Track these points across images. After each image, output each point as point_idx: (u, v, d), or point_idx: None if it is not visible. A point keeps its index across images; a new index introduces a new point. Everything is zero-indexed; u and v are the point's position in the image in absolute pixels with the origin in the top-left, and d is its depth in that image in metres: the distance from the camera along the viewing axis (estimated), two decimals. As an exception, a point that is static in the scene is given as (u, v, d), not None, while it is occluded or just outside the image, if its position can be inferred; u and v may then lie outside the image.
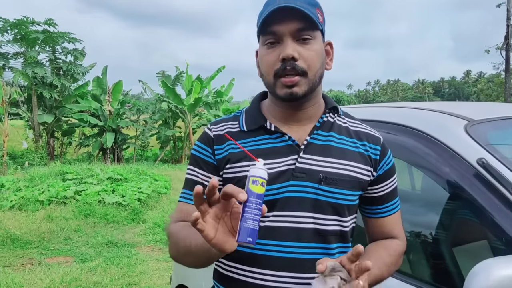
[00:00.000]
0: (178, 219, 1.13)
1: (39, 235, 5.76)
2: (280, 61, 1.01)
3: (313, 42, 1.03)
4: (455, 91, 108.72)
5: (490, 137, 1.36)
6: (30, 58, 14.05)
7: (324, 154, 1.08)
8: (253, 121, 1.12)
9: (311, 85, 1.04)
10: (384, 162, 1.15)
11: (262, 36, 1.05)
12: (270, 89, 1.08)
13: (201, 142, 1.15)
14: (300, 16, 1.00)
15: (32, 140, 14.96)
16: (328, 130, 1.12)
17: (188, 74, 16.86)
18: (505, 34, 20.48)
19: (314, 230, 1.06)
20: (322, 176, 1.05)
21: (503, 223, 1.15)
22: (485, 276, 0.97)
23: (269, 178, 1.01)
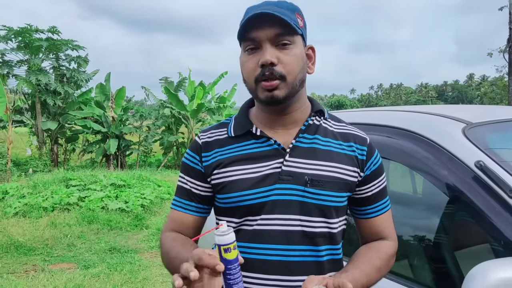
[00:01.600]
0: (171, 228, 1.19)
1: (42, 241, 5.77)
2: (260, 66, 1.03)
3: (292, 47, 1.05)
4: (459, 94, 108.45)
5: (488, 140, 1.36)
6: (34, 65, 14.14)
7: (309, 156, 1.09)
8: (240, 126, 1.15)
9: (291, 88, 1.05)
10: (371, 162, 1.16)
11: (243, 42, 1.07)
12: (253, 94, 1.10)
13: (190, 150, 1.19)
14: (278, 22, 1.01)
15: (36, 147, 15.03)
16: (313, 133, 1.13)
17: (190, 80, 16.91)
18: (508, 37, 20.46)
19: (302, 232, 1.07)
20: (308, 178, 1.06)
21: (501, 226, 1.15)
22: (482, 278, 0.97)
23: (255, 181, 1.06)
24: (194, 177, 1.16)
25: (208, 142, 1.16)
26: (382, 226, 1.20)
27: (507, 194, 1.15)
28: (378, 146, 1.60)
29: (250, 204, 1.06)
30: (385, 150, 1.58)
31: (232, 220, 1.10)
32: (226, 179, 1.09)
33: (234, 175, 1.08)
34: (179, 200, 1.19)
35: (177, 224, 1.18)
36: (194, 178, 1.16)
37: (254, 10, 1.02)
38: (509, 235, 1.13)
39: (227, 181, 1.09)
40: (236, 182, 1.07)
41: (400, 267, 1.52)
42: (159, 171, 14.65)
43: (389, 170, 2.06)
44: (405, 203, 2.07)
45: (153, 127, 17.42)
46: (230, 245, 0.88)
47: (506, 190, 1.16)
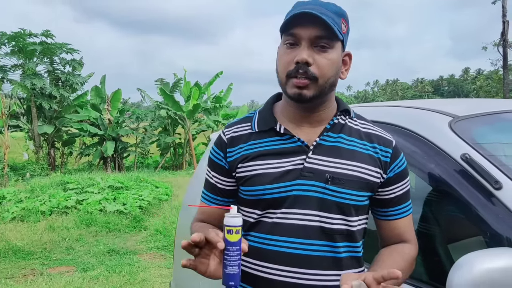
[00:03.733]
0: (199, 219, 1.29)
1: (40, 245, 5.77)
2: (294, 63, 1.05)
3: (331, 51, 1.07)
4: (455, 89, 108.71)
5: (474, 133, 1.38)
6: (28, 70, 14.11)
7: (332, 155, 1.11)
8: (264, 122, 1.18)
9: (321, 90, 1.08)
10: (395, 165, 1.17)
11: (284, 35, 1.10)
12: (282, 87, 1.12)
13: (215, 146, 1.23)
14: (321, 25, 1.03)
15: (32, 151, 14.99)
16: (338, 132, 1.15)
17: (186, 80, 16.90)
18: (502, 31, 20.53)
19: (320, 228, 1.10)
20: (329, 175, 1.09)
21: (487, 218, 1.16)
22: (467, 269, 0.98)
23: (278, 176, 1.10)
24: (219, 172, 1.22)
25: (233, 138, 1.19)
26: (403, 229, 1.20)
27: (492, 186, 1.17)
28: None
29: (272, 197, 1.11)
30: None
31: (255, 212, 1.15)
32: (250, 173, 1.13)
33: (257, 169, 1.12)
34: (207, 193, 1.27)
35: (204, 215, 1.27)
36: (219, 174, 1.22)
37: (302, 6, 1.05)
38: (495, 227, 1.14)
39: (250, 175, 1.13)
40: (259, 176, 1.12)
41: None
42: (157, 173, 14.65)
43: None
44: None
45: (150, 129, 17.41)
46: (233, 228, 0.95)
47: (491, 182, 1.17)
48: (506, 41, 20.92)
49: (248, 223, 1.17)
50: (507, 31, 20.50)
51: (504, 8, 20.22)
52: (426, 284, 1.32)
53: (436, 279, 1.32)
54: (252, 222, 1.16)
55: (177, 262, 2.51)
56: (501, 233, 1.12)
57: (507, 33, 20.54)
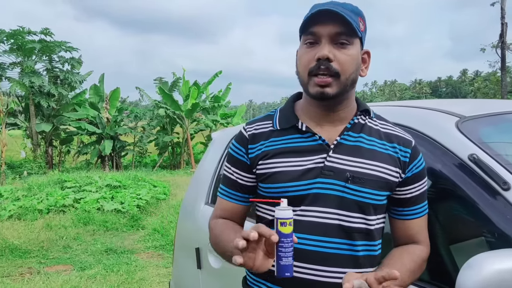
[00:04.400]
0: (219, 215, 1.27)
1: (38, 244, 5.74)
2: (316, 60, 1.06)
3: (350, 47, 1.08)
4: (452, 90, 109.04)
5: (482, 133, 1.37)
6: (27, 67, 14.07)
7: (353, 154, 1.12)
8: (286, 120, 1.19)
9: (343, 87, 1.09)
10: (413, 165, 1.17)
11: (303, 35, 1.11)
12: (304, 86, 1.13)
13: (236, 142, 1.24)
14: (340, 21, 1.05)
15: (30, 149, 14.96)
16: (359, 132, 1.16)
17: (185, 80, 16.89)
18: (500, 32, 20.60)
19: (339, 226, 1.10)
20: (350, 175, 1.10)
21: (495, 219, 1.15)
22: (478, 270, 0.97)
23: (298, 174, 1.11)
24: (240, 168, 1.22)
25: (254, 134, 1.20)
26: (416, 229, 1.21)
27: (500, 187, 1.15)
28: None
29: (292, 195, 1.10)
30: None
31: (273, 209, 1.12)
32: (271, 170, 1.13)
33: (278, 166, 1.13)
34: (226, 189, 1.26)
35: (224, 212, 1.26)
36: (240, 170, 1.22)
37: (320, 6, 1.06)
38: (502, 227, 1.13)
39: (271, 172, 1.13)
40: (280, 174, 1.12)
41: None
42: (155, 172, 14.63)
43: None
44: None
45: (148, 128, 17.40)
46: (287, 220, 0.97)
47: (499, 182, 1.16)
48: (505, 43, 21.00)
49: (266, 220, 1.18)
50: (506, 33, 20.57)
51: (503, 10, 20.29)
52: (430, 284, 1.31)
53: (441, 279, 1.31)
54: (270, 220, 1.15)
55: (177, 261, 2.49)
56: (509, 234, 1.11)
57: (505, 35, 20.62)
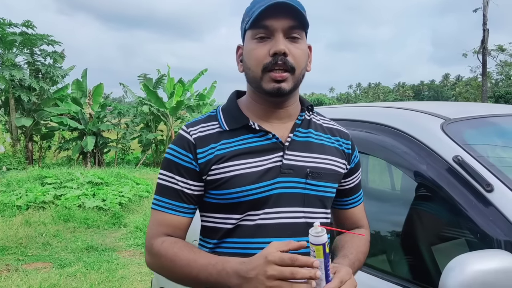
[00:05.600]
0: (162, 233, 1.09)
1: (16, 241, 5.62)
2: (271, 55, 1.03)
3: (301, 41, 1.07)
4: (435, 94, 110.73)
5: (466, 136, 1.39)
6: (7, 60, 13.75)
7: (306, 150, 1.12)
8: (235, 120, 1.12)
9: (296, 82, 1.07)
10: (354, 155, 1.23)
11: (253, 30, 1.06)
12: (256, 83, 1.07)
13: (179, 146, 1.11)
14: (294, 14, 1.02)
15: (9, 144, 14.65)
16: (307, 127, 1.16)
17: (170, 77, 16.76)
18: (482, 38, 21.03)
19: (306, 224, 1.09)
20: (309, 170, 1.09)
21: (478, 220, 1.17)
22: (459, 271, 0.98)
23: (258, 175, 1.06)
24: (188, 176, 1.09)
25: (201, 138, 1.10)
26: (359, 216, 1.29)
27: (484, 188, 1.18)
28: (359, 141, 1.61)
29: (254, 198, 1.06)
30: (366, 145, 1.59)
31: (232, 216, 1.08)
32: (227, 174, 1.06)
33: (236, 169, 1.06)
34: (168, 202, 1.10)
35: (168, 228, 1.10)
36: (188, 178, 1.09)
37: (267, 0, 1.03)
38: (485, 229, 1.15)
39: (228, 176, 1.06)
40: (239, 177, 1.05)
41: (378, 261, 1.53)
42: (138, 169, 14.47)
43: (368, 165, 2.08)
44: (384, 198, 2.09)
45: (132, 124, 17.20)
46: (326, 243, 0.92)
47: (483, 184, 1.18)
48: (486, 49, 21.45)
49: (222, 230, 1.09)
50: (487, 39, 21.01)
51: (485, 17, 20.72)
52: (412, 284, 1.33)
53: (423, 280, 1.32)
54: (229, 228, 1.08)
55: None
56: (491, 235, 1.13)
57: (487, 41, 21.06)
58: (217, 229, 1.11)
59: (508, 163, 1.40)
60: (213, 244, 1.11)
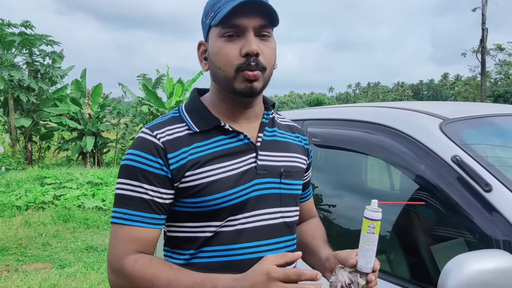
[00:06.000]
0: (134, 250, 0.98)
1: (16, 241, 5.62)
2: (243, 56, 0.97)
3: (271, 39, 1.03)
4: (434, 93, 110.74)
5: (464, 135, 1.39)
6: (6, 61, 13.74)
7: (276, 149, 1.11)
8: (204, 121, 1.05)
9: (266, 81, 1.04)
10: (310, 150, 1.26)
11: (221, 28, 0.99)
12: (227, 83, 1.01)
13: (144, 152, 0.99)
14: (264, 13, 0.98)
15: (8, 144, 14.64)
16: (272, 126, 1.15)
17: (169, 77, 16.75)
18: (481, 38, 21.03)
19: (284, 223, 1.09)
20: (283, 170, 1.09)
21: (476, 219, 1.17)
22: (458, 271, 0.99)
23: (236, 179, 1.02)
24: (158, 184, 0.99)
25: (171, 141, 1.00)
26: (312, 206, 1.35)
27: (482, 188, 1.18)
28: (358, 141, 1.61)
29: (234, 203, 1.01)
30: (365, 145, 1.59)
31: (211, 224, 1.01)
32: (205, 180, 0.99)
33: (213, 174, 1.00)
34: (136, 213, 0.98)
35: (140, 243, 0.99)
36: (158, 186, 0.99)
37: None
38: (484, 228, 1.15)
39: (206, 182, 0.99)
40: (217, 182, 0.99)
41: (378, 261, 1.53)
42: (137, 169, 14.45)
43: (367, 165, 2.08)
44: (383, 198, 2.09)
45: (131, 125, 17.19)
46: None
47: (481, 184, 1.18)
48: (485, 48, 21.45)
49: (200, 239, 1.01)
50: (486, 38, 21.01)
51: (484, 16, 20.71)
52: (411, 284, 1.33)
53: (422, 279, 1.33)
54: (207, 237, 1.01)
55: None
56: (490, 235, 1.13)
57: (485, 40, 21.06)
58: (193, 239, 1.02)
59: (506, 163, 1.40)
60: (189, 255, 1.03)
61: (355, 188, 1.93)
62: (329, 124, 1.80)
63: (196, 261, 1.02)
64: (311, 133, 1.82)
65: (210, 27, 1.02)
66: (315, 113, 2.01)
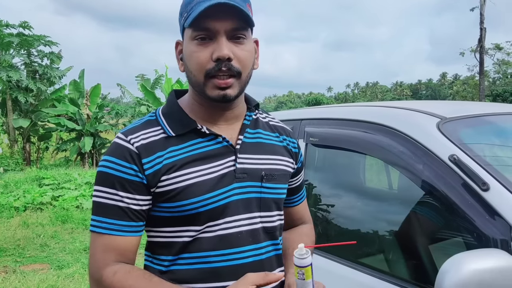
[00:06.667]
0: (113, 259, 0.96)
1: (14, 242, 5.60)
2: (214, 60, 0.94)
3: (246, 41, 0.98)
4: (432, 93, 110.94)
5: (462, 135, 1.39)
6: (4, 61, 13.72)
7: (257, 151, 1.07)
8: (181, 124, 1.02)
9: (243, 86, 1.00)
10: (300, 154, 1.22)
11: (193, 30, 0.96)
12: (199, 88, 0.99)
13: (118, 158, 0.97)
14: (237, 14, 0.94)
15: (7, 145, 14.62)
16: (254, 127, 1.11)
17: (167, 77, 16.75)
18: (479, 37, 21.07)
19: (263, 228, 1.05)
20: (264, 173, 1.05)
21: (474, 218, 1.17)
22: (455, 271, 0.98)
23: (214, 183, 0.99)
24: (134, 191, 0.97)
25: (145, 146, 0.97)
26: (303, 212, 1.29)
27: (479, 187, 1.17)
28: (356, 141, 1.61)
29: (212, 208, 0.98)
30: (362, 145, 1.59)
31: (190, 229, 0.99)
32: (181, 184, 0.97)
33: (189, 178, 0.97)
34: (113, 222, 0.96)
35: (118, 252, 0.97)
36: (134, 193, 0.97)
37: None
38: (481, 227, 1.15)
39: (182, 186, 0.96)
40: (194, 186, 0.97)
41: (376, 261, 1.53)
42: (136, 170, 14.46)
43: (366, 165, 2.08)
44: (382, 197, 2.09)
45: (129, 125, 17.20)
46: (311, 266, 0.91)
47: (479, 183, 1.18)
48: (483, 48, 21.47)
49: (178, 244, 0.99)
50: (484, 37, 21.04)
51: (482, 15, 20.74)
52: (410, 284, 1.33)
53: (421, 279, 1.32)
54: (186, 242, 0.99)
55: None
56: (488, 234, 1.13)
57: (484, 39, 21.09)
58: (170, 244, 1.00)
59: (504, 162, 1.40)
60: (169, 262, 1.01)
61: (353, 188, 1.93)
62: (326, 124, 1.79)
63: (176, 267, 1.00)
64: (309, 133, 1.81)
65: (184, 28, 0.99)
66: (313, 112, 2.01)
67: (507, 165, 1.39)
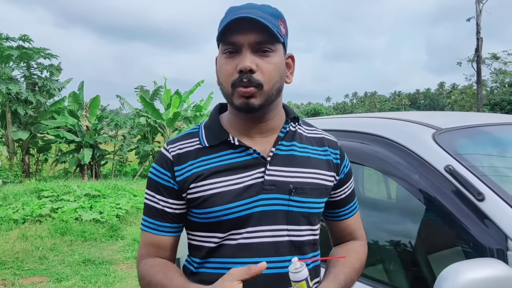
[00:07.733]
0: (148, 253, 1.11)
1: (12, 255, 5.58)
2: (238, 72, 0.99)
3: (273, 54, 1.01)
4: (430, 102, 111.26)
5: (457, 145, 1.41)
6: (4, 74, 13.77)
7: (289, 164, 1.07)
8: (215, 136, 1.08)
9: (267, 97, 1.02)
10: (344, 165, 1.18)
11: (222, 44, 1.03)
12: (228, 98, 1.05)
13: (158, 165, 1.09)
14: (261, 28, 0.98)
15: (6, 157, 14.59)
16: (290, 140, 1.11)
17: (166, 88, 16.81)
18: (476, 47, 21.22)
19: (289, 242, 1.05)
20: (292, 186, 1.05)
21: (470, 228, 1.18)
22: (452, 280, 0.99)
23: (238, 193, 1.02)
24: (167, 195, 1.08)
25: (179, 155, 1.07)
26: (354, 226, 1.23)
27: (475, 197, 1.19)
28: (352, 152, 1.62)
29: (235, 217, 1.02)
30: (359, 156, 1.60)
31: (215, 235, 1.05)
32: (206, 193, 1.03)
33: (215, 187, 1.03)
34: (152, 221, 1.10)
35: (154, 248, 1.11)
36: (167, 197, 1.08)
37: (237, 11, 0.99)
38: (478, 237, 1.16)
39: (207, 195, 1.03)
40: (218, 195, 1.02)
41: (375, 271, 1.54)
42: (135, 181, 14.42)
43: (364, 175, 2.09)
44: (379, 208, 2.10)
45: (129, 136, 17.20)
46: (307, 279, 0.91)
47: (474, 193, 1.19)
48: (480, 57, 21.62)
49: (205, 249, 1.07)
50: (481, 47, 21.20)
51: (478, 26, 20.93)
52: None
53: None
54: (212, 247, 1.06)
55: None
56: (484, 244, 1.14)
57: (481, 49, 21.24)
58: (200, 247, 1.09)
59: (499, 172, 1.42)
60: (197, 264, 1.09)
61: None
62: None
63: (203, 270, 1.08)
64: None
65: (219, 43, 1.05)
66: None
67: (502, 175, 1.40)
